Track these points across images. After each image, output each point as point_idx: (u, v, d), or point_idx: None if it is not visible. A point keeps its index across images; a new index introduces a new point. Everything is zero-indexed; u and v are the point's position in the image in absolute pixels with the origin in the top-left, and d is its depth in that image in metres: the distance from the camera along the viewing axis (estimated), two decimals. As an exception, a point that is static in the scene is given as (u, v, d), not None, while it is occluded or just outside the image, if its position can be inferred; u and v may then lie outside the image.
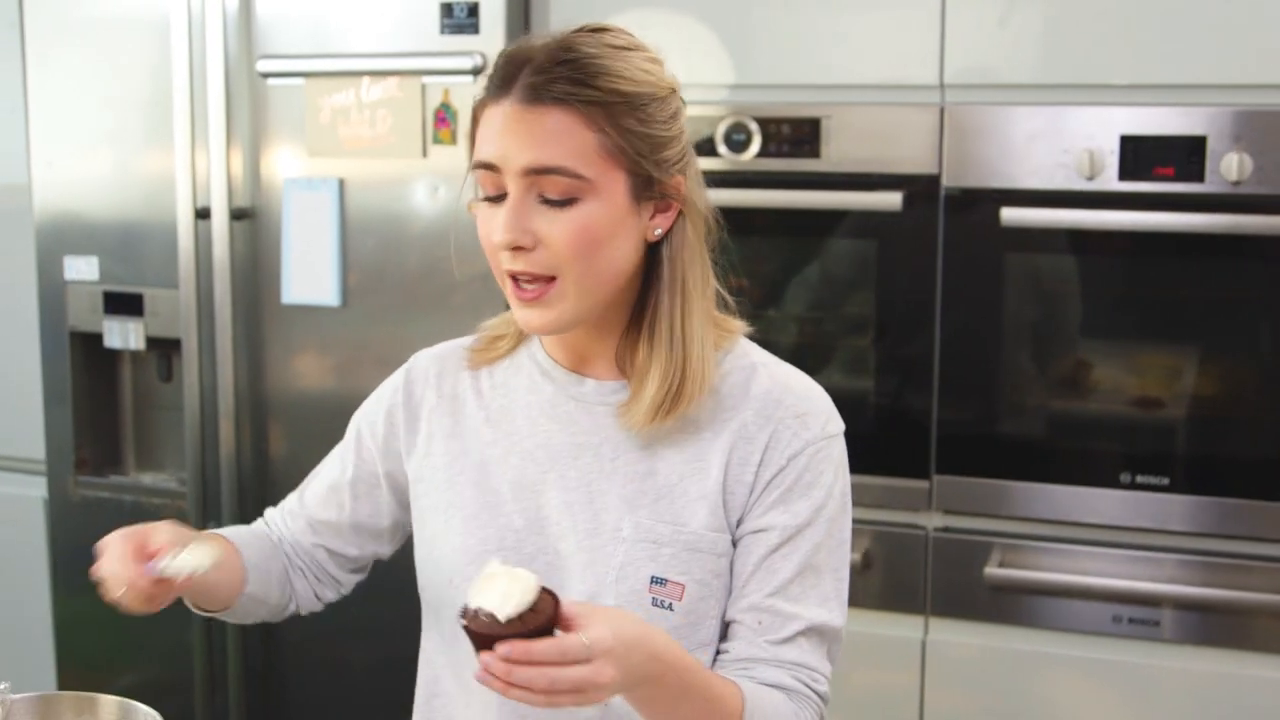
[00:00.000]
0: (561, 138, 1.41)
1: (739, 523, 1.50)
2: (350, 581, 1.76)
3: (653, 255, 1.50)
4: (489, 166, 1.43)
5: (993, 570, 2.65)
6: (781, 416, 1.51)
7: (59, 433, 3.24)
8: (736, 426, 1.51)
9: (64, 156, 3.15)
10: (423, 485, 1.61)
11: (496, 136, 1.42)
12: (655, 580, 1.47)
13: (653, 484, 1.50)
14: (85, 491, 3.24)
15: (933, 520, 2.71)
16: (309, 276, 2.97)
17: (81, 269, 3.15)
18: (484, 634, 1.23)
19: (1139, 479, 2.59)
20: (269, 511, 1.77)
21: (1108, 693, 2.63)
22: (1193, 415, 2.59)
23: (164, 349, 3.18)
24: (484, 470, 1.57)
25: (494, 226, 1.42)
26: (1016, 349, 2.65)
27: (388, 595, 3.03)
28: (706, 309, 1.53)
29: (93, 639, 3.30)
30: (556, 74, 1.41)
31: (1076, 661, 2.64)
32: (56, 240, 3.17)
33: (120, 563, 1.45)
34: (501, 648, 1.22)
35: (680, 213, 1.50)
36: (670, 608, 1.47)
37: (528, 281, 1.44)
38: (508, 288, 1.46)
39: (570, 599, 1.31)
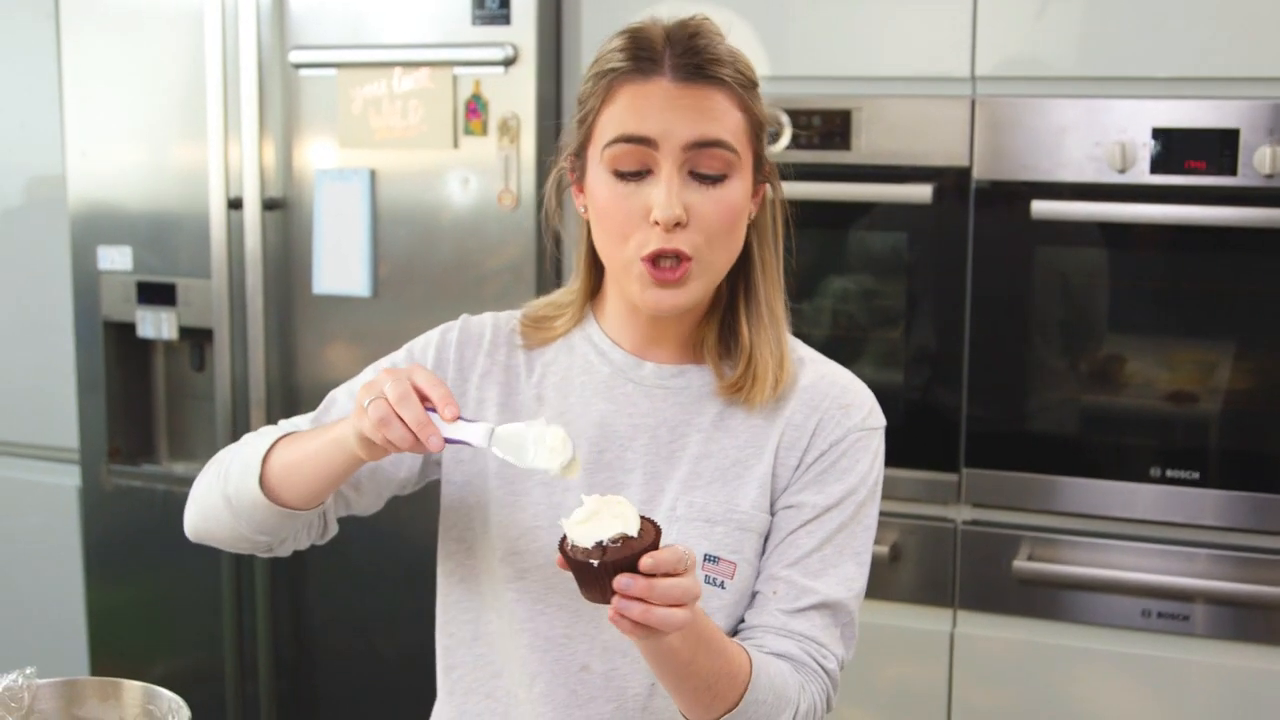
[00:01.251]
0: (721, 115, 1.46)
1: (775, 501, 1.54)
2: (331, 533, 1.63)
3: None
4: (645, 141, 1.44)
5: (1022, 564, 2.64)
6: (828, 407, 1.55)
7: (92, 422, 3.27)
8: (787, 414, 1.55)
9: (98, 147, 3.17)
10: (470, 450, 1.55)
11: (655, 111, 1.44)
12: (708, 558, 1.50)
13: (708, 466, 1.53)
14: (118, 480, 3.26)
15: (962, 513, 2.71)
16: (340, 267, 2.98)
17: (115, 259, 3.18)
18: (616, 561, 1.25)
19: (1170, 473, 2.58)
20: (278, 428, 1.62)
21: (1137, 687, 2.62)
22: (1225, 410, 2.58)
23: (196, 339, 3.20)
24: None
25: (648, 208, 1.44)
26: (1047, 342, 2.65)
27: (417, 584, 3.05)
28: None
29: (125, 628, 3.33)
30: (707, 54, 1.45)
31: (1105, 656, 2.63)
32: (90, 230, 3.19)
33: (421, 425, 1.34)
34: (646, 559, 1.24)
35: (764, 198, 1.55)
36: (722, 586, 1.50)
37: (671, 260, 1.45)
38: (638, 270, 1.46)
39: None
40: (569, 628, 1.52)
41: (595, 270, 1.59)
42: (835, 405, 1.55)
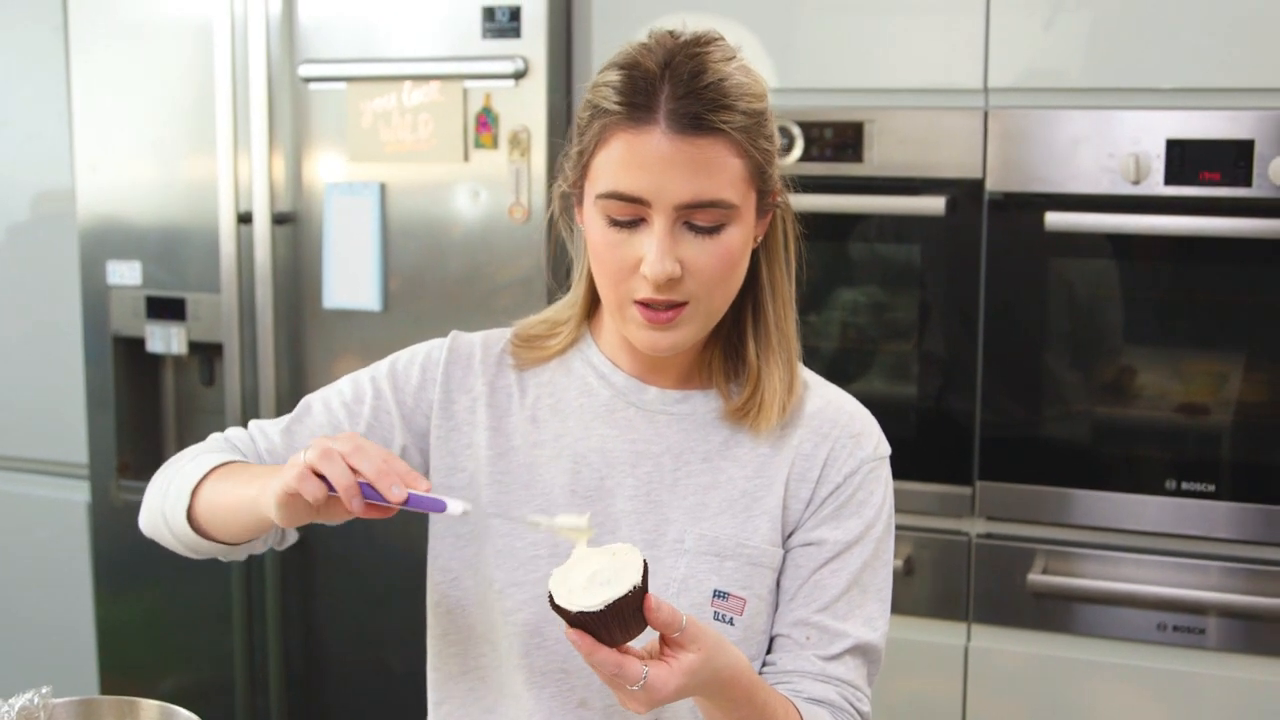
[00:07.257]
0: (717, 169, 1.37)
1: (789, 536, 1.50)
2: (289, 541, 1.57)
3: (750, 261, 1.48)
4: (637, 200, 1.37)
5: (1036, 577, 2.63)
6: (838, 435, 1.52)
7: (102, 437, 3.26)
8: (795, 443, 1.51)
9: (107, 161, 3.16)
10: (461, 476, 1.54)
11: (646, 170, 1.36)
12: (718, 594, 1.46)
13: (716, 496, 1.49)
14: (128, 496, 3.25)
15: (976, 526, 2.69)
16: (350, 281, 2.97)
17: (124, 274, 3.17)
18: (571, 615, 1.24)
19: (1184, 485, 2.57)
20: (247, 432, 1.61)
21: (1152, 701, 2.61)
22: (1239, 422, 2.57)
23: (206, 353, 3.20)
24: (533, 471, 1.52)
25: (641, 258, 1.38)
26: (1060, 354, 2.63)
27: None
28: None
29: (135, 643, 3.32)
30: (705, 99, 1.36)
31: (1120, 669, 2.62)
32: (100, 245, 3.19)
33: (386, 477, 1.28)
34: (570, 634, 1.23)
35: (772, 217, 1.50)
36: (731, 622, 1.46)
37: (663, 307, 1.40)
38: (631, 311, 1.42)
39: (664, 601, 1.26)
40: (566, 661, 1.48)
41: (594, 285, 1.52)
42: (846, 434, 1.52)
